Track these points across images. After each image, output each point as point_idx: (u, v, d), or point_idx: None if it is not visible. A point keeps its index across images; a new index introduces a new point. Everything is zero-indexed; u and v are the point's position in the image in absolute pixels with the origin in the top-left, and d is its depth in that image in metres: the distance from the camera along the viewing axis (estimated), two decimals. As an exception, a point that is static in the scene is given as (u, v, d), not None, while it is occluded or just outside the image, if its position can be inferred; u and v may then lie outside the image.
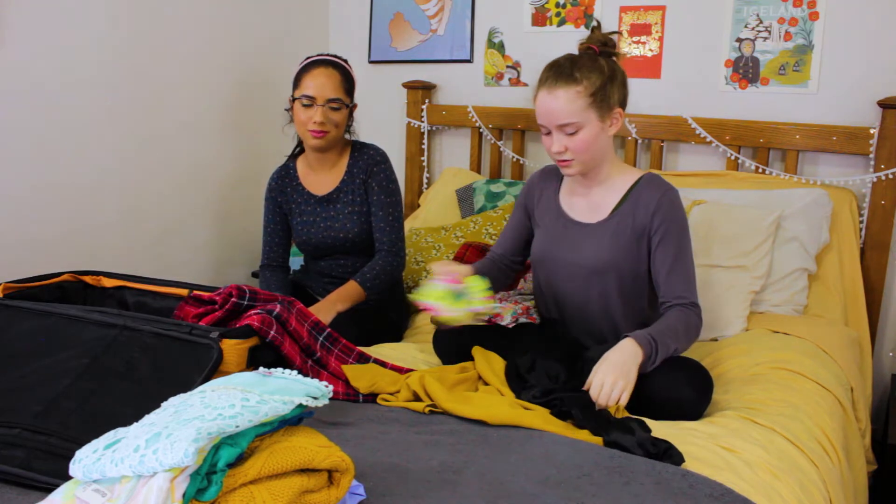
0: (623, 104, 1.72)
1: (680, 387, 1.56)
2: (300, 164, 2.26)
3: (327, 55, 2.16)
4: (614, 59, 1.73)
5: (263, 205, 2.28)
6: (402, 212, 2.21)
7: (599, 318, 1.79)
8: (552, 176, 1.90)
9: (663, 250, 1.69)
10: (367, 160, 2.17)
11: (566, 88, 1.64)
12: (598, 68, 1.66)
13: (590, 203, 1.79)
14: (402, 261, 2.18)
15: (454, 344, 1.80)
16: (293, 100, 2.13)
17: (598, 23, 1.75)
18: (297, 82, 2.12)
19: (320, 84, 2.08)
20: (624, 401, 1.49)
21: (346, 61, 2.19)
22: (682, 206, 1.73)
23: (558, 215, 1.83)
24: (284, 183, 2.24)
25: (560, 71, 1.66)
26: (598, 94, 1.65)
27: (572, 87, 1.63)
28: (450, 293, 1.64)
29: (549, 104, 1.66)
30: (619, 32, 1.70)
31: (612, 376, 1.50)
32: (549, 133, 1.70)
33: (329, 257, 2.22)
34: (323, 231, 2.18)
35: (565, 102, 1.64)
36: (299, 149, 2.28)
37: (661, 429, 1.44)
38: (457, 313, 1.63)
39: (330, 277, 2.23)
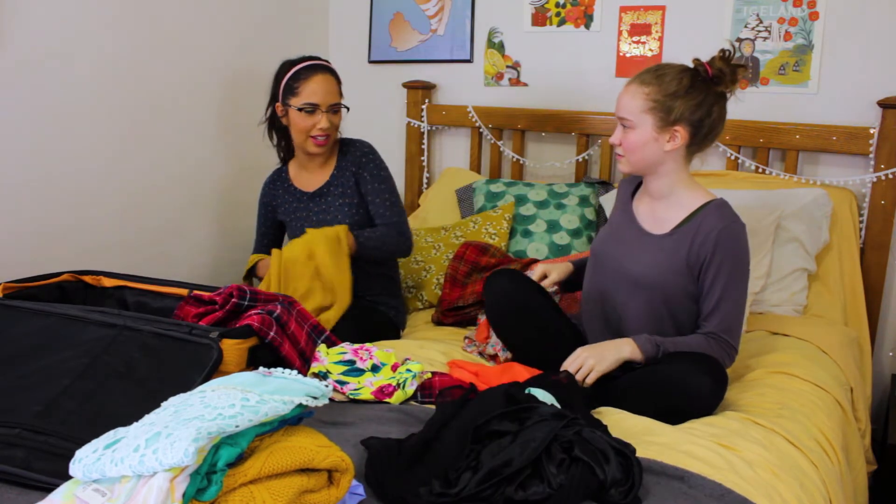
0: (695, 129, 1.66)
1: (698, 374, 1.54)
2: (291, 166, 2.29)
3: (314, 59, 2.15)
4: (720, 90, 1.66)
5: (258, 208, 2.35)
6: (399, 197, 2.23)
7: (633, 327, 1.74)
8: (633, 184, 1.89)
9: (712, 284, 1.65)
10: (356, 153, 2.20)
11: (637, 86, 1.66)
12: (677, 81, 1.64)
13: (654, 214, 1.77)
14: (405, 239, 2.18)
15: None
16: (284, 107, 2.12)
17: (733, 48, 1.70)
18: (292, 90, 2.09)
19: (323, 91, 2.08)
20: (589, 380, 1.60)
21: (327, 61, 2.19)
22: (745, 242, 1.68)
23: (626, 214, 1.83)
24: (276, 186, 2.29)
25: (646, 70, 1.69)
26: (662, 103, 1.63)
27: (642, 86, 1.65)
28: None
29: (620, 96, 1.69)
30: (745, 66, 1.66)
31: (587, 353, 1.62)
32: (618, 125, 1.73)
33: None
34: (316, 225, 2.18)
35: (630, 97, 1.67)
36: (286, 154, 2.30)
37: (662, 428, 1.44)
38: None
39: None
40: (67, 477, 0.97)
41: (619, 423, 1.49)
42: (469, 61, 2.94)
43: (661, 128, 1.65)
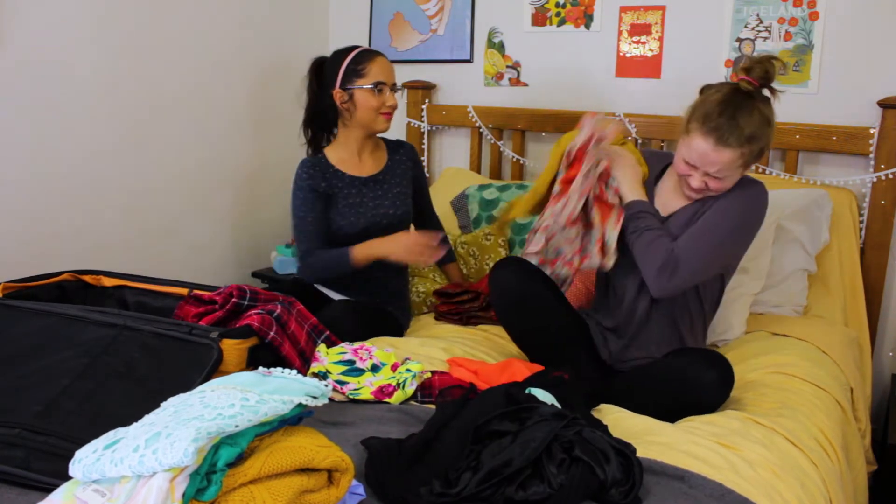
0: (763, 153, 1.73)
1: (704, 368, 1.56)
2: (331, 154, 2.21)
3: (362, 46, 2.20)
4: (770, 97, 1.70)
5: (296, 197, 2.15)
6: None
7: (644, 307, 1.80)
8: (662, 162, 1.91)
9: (702, 216, 1.71)
10: (409, 151, 2.31)
11: (733, 150, 1.63)
12: (765, 132, 1.65)
13: (672, 194, 1.83)
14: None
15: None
16: (346, 91, 2.12)
17: (760, 61, 1.69)
18: (357, 72, 2.12)
19: (388, 70, 2.16)
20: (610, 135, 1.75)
21: None
22: (754, 211, 1.72)
23: (648, 196, 1.85)
24: (318, 171, 2.16)
25: (732, 129, 1.62)
26: (755, 157, 1.69)
27: (738, 149, 1.64)
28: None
29: (710, 156, 1.65)
30: (778, 59, 1.69)
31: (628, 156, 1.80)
32: (692, 169, 1.70)
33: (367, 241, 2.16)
34: (371, 210, 2.17)
35: (728, 161, 1.65)
36: (321, 144, 2.26)
37: (662, 428, 1.44)
38: None
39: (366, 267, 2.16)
40: (67, 477, 0.97)
41: (620, 422, 1.49)
42: (469, 61, 2.94)
43: (748, 165, 1.70)
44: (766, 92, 1.70)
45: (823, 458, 1.47)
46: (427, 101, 3.00)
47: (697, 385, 1.55)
